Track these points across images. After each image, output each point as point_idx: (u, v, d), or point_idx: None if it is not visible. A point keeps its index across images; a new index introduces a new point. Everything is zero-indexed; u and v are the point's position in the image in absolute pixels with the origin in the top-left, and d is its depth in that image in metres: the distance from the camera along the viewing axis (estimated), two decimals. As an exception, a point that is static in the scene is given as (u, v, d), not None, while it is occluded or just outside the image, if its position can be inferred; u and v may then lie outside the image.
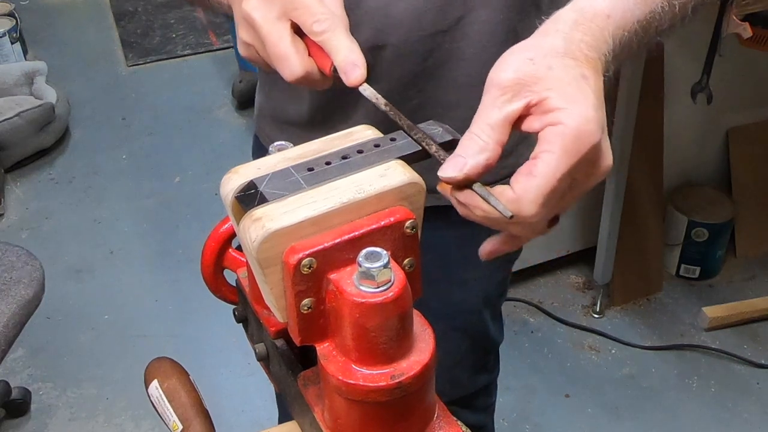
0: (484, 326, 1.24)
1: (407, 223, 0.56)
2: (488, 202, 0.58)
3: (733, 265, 2.44)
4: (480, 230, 0.64)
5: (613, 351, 2.23)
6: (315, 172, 0.58)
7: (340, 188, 0.56)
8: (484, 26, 0.93)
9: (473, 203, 0.59)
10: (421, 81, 0.95)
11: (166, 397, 0.74)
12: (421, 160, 0.62)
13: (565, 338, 2.26)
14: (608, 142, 0.61)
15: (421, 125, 0.64)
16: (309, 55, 0.69)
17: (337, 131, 0.64)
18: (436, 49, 0.93)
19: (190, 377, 0.77)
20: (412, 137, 0.63)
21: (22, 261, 1.70)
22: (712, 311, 2.25)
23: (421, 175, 0.59)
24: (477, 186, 0.59)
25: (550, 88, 0.59)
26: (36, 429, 2.08)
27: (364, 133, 0.63)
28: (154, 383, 0.75)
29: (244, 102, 3.19)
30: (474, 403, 1.33)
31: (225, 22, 3.59)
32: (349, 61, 0.66)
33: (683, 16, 0.72)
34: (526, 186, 0.57)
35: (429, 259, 1.10)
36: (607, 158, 0.61)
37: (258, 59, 0.72)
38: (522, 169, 0.58)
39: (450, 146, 0.63)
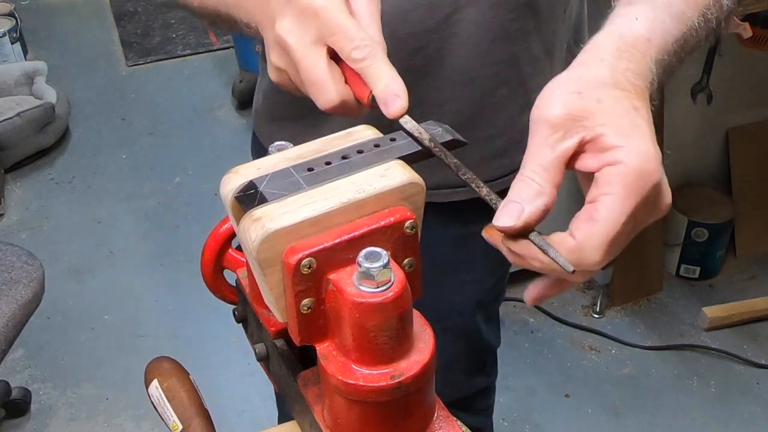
0: (477, 329, 1.23)
1: (407, 223, 0.56)
2: (548, 255, 0.55)
3: (733, 265, 2.44)
4: (474, 232, 0.62)
5: (613, 351, 2.23)
6: (315, 172, 0.58)
7: (340, 188, 0.56)
8: (473, 24, 0.91)
9: (530, 254, 0.57)
10: (410, 78, 0.92)
11: (166, 397, 0.74)
12: (421, 160, 0.62)
13: (565, 338, 2.26)
14: (666, 179, 0.57)
15: (421, 125, 0.64)
16: (345, 82, 0.65)
17: (334, 128, 0.63)
18: (424, 47, 0.91)
19: (191, 377, 0.77)
20: (460, 177, 0.59)
21: (22, 261, 1.70)
22: (712, 311, 2.25)
23: (420, 175, 0.58)
24: (534, 235, 0.55)
25: (604, 124, 0.56)
26: (36, 429, 2.08)
27: (364, 133, 0.63)
28: (154, 383, 0.75)
29: (244, 102, 3.19)
30: (472, 406, 1.33)
31: (225, 22, 3.58)
32: (391, 92, 0.62)
33: (716, 28, 0.69)
34: (588, 232, 0.54)
35: (424, 260, 1.10)
36: (668, 196, 0.58)
37: (290, 85, 0.68)
38: (581, 215, 0.55)
39: (451, 146, 0.63)
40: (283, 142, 0.63)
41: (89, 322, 2.36)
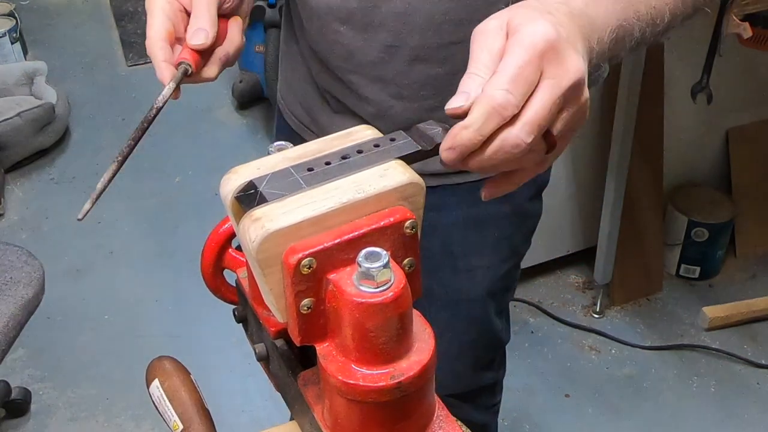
0: (489, 320, 1.23)
1: (407, 223, 0.56)
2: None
3: (733, 265, 2.44)
4: (485, 214, 0.65)
5: (613, 351, 2.23)
6: (315, 172, 0.58)
7: (340, 188, 0.56)
8: None
9: (454, 132, 0.62)
10: (437, 84, 0.98)
11: (167, 397, 0.74)
12: (421, 160, 0.62)
13: (565, 338, 2.26)
14: (577, 53, 0.64)
15: (421, 125, 0.64)
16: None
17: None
18: (451, 57, 0.96)
19: (192, 377, 0.77)
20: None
21: (22, 261, 1.70)
22: (712, 311, 2.25)
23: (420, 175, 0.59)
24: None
25: (516, 14, 0.64)
26: (36, 429, 2.08)
27: (363, 133, 0.63)
28: (155, 383, 0.75)
29: (244, 102, 3.19)
30: (478, 401, 1.33)
31: (225, 22, 3.58)
32: (157, 63, 0.81)
33: (642, 42, 0.76)
34: (492, 81, 0.61)
35: (433, 243, 1.11)
36: (576, 60, 0.63)
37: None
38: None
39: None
40: (282, 142, 0.63)
41: (89, 322, 2.36)
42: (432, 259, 1.10)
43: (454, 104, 0.62)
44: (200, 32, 0.79)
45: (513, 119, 0.61)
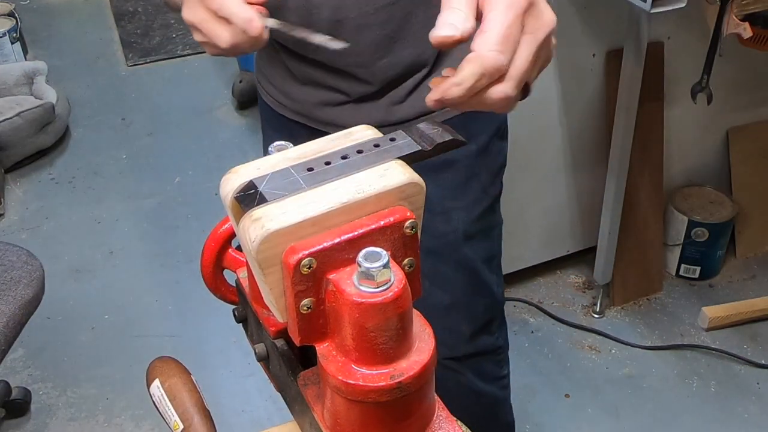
0: (475, 267, 1.26)
1: (407, 223, 0.56)
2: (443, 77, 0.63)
3: (733, 265, 2.45)
4: (454, 154, 0.70)
5: (613, 351, 2.23)
6: (315, 172, 0.58)
7: (340, 188, 0.56)
8: None
9: (445, 86, 0.64)
10: (385, 44, 1.06)
11: (168, 397, 0.74)
12: (422, 160, 0.62)
13: (565, 338, 2.26)
14: (546, 2, 0.68)
15: (421, 125, 0.64)
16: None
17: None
18: (391, 18, 1.04)
19: (192, 377, 0.77)
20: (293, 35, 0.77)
21: (22, 261, 1.70)
22: (712, 311, 2.25)
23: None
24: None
25: None
26: (36, 429, 2.08)
27: (363, 133, 0.63)
28: (156, 382, 0.75)
29: (244, 102, 3.19)
30: (480, 367, 1.34)
31: (225, 22, 3.58)
32: (244, 19, 0.78)
33: None
34: (480, 40, 0.63)
35: None
36: (549, 12, 0.68)
37: (217, 51, 0.84)
38: (475, 34, 0.65)
39: (451, 146, 0.63)
40: (282, 142, 0.63)
41: (89, 322, 2.36)
42: None
43: (443, 32, 0.64)
44: (252, 22, 0.79)
45: (501, 76, 0.64)
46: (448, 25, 0.65)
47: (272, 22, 0.80)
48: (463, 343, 1.29)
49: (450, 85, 0.64)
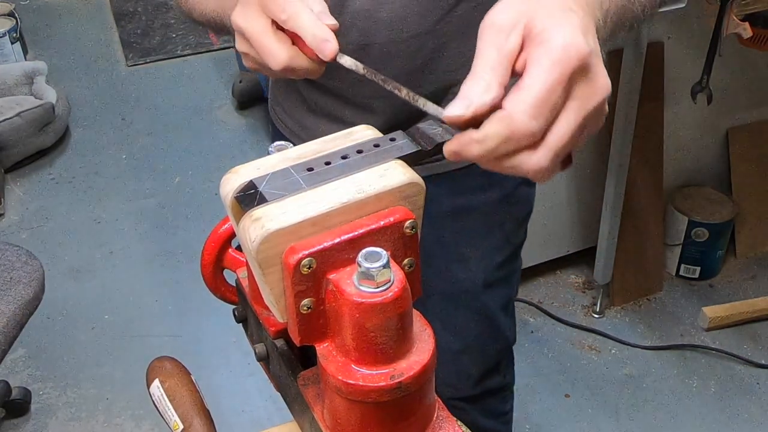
0: (491, 314, 1.23)
1: (407, 223, 0.56)
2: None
3: (733, 265, 2.44)
4: (474, 202, 0.64)
5: (613, 351, 2.23)
6: (315, 172, 0.58)
7: (340, 188, 0.56)
8: (463, 19, 0.98)
9: (465, 141, 0.58)
10: (412, 76, 0.99)
11: (168, 397, 0.74)
12: (421, 160, 0.62)
13: (565, 338, 2.26)
14: (602, 64, 0.60)
15: (421, 125, 0.64)
16: (294, 44, 0.72)
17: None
18: (421, 48, 0.98)
19: (192, 377, 0.77)
20: (392, 89, 0.66)
21: (22, 261, 1.70)
22: (712, 311, 2.25)
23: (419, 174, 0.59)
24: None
25: (536, 16, 0.59)
26: (36, 429, 2.08)
27: (363, 133, 0.63)
28: (156, 382, 0.75)
29: (244, 102, 3.19)
30: (485, 405, 1.31)
31: (225, 22, 3.59)
32: (319, 38, 0.69)
33: (639, 17, 0.76)
34: (515, 99, 0.56)
35: (427, 235, 1.10)
36: (602, 76, 0.59)
37: (257, 67, 0.75)
38: (512, 89, 0.57)
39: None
40: (282, 142, 0.63)
41: (89, 322, 2.36)
42: (424, 250, 1.10)
43: (453, 111, 0.57)
44: (327, 44, 0.70)
45: (534, 143, 0.57)
46: (462, 100, 0.57)
47: (349, 61, 0.70)
48: (470, 386, 1.25)
49: (470, 140, 0.57)
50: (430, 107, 0.61)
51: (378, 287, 0.52)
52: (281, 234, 0.54)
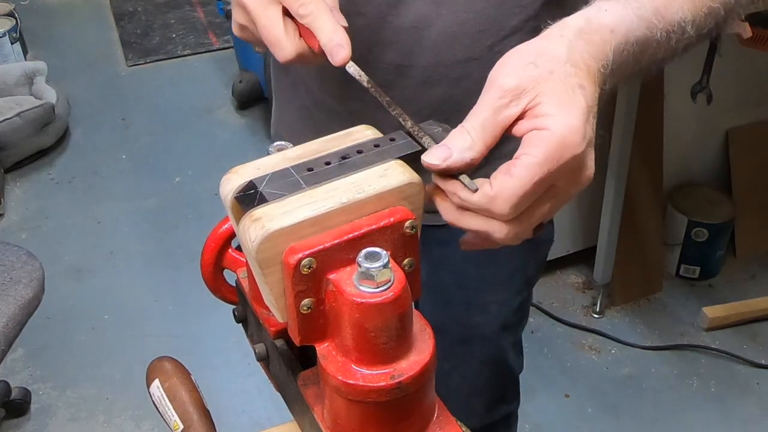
0: (503, 354, 1.21)
1: (407, 223, 0.56)
2: (461, 182, 0.60)
3: (733, 265, 2.44)
4: (502, 250, 0.64)
5: (613, 351, 2.23)
6: (314, 172, 0.58)
7: (340, 188, 0.56)
8: None
9: (452, 190, 0.60)
10: (448, 108, 0.91)
11: (168, 397, 0.74)
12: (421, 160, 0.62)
13: (565, 338, 2.26)
14: (592, 153, 0.61)
15: (421, 125, 0.64)
16: (300, 35, 0.70)
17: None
18: (466, 76, 0.91)
19: (192, 377, 0.77)
20: (395, 116, 0.65)
21: (22, 261, 1.70)
22: (712, 311, 2.25)
23: (422, 176, 0.59)
24: (462, 177, 0.60)
25: (545, 93, 0.59)
26: (36, 429, 2.08)
27: (363, 133, 0.63)
28: (156, 383, 0.75)
29: (244, 102, 3.19)
30: None
31: (225, 22, 3.59)
32: (334, 43, 0.68)
33: (675, 52, 0.71)
34: (503, 184, 0.58)
35: (447, 279, 1.09)
36: (589, 169, 0.61)
37: (253, 39, 0.74)
38: (502, 167, 0.59)
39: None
40: (283, 142, 0.63)
41: (89, 322, 2.36)
42: (445, 294, 1.09)
43: (431, 159, 0.59)
44: (341, 50, 0.68)
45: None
46: (443, 148, 0.60)
47: (355, 70, 0.69)
48: (477, 419, 1.24)
49: (453, 192, 0.60)
50: (432, 145, 0.62)
51: (378, 287, 0.52)
52: (281, 234, 0.54)
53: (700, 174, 2.44)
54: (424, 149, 0.62)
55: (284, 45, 0.70)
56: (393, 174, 0.57)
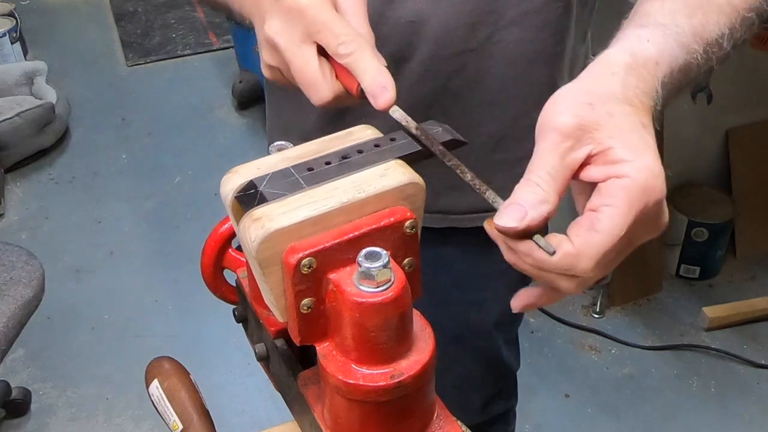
0: (497, 350, 1.21)
1: (407, 223, 0.56)
2: (538, 245, 0.55)
3: (733, 265, 2.44)
4: (495, 249, 0.63)
5: (613, 351, 2.23)
6: (315, 172, 0.58)
7: (340, 188, 0.56)
8: (513, 46, 0.90)
9: (526, 251, 0.57)
10: (446, 100, 0.92)
11: (167, 397, 0.74)
12: (421, 160, 0.62)
13: (565, 338, 2.26)
14: (665, 202, 0.58)
15: (421, 125, 0.64)
16: (336, 77, 0.66)
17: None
18: (463, 68, 0.90)
19: (191, 377, 0.77)
20: (457, 174, 0.60)
21: (22, 261, 1.70)
22: (712, 311, 2.25)
23: (422, 176, 0.58)
24: (537, 237, 0.56)
25: (613, 137, 0.56)
26: (36, 429, 2.08)
27: (363, 132, 0.63)
28: (155, 383, 0.75)
29: (244, 102, 3.19)
30: (490, 430, 1.30)
31: (225, 22, 3.59)
32: (378, 84, 0.63)
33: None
34: (587, 241, 0.55)
35: (443, 277, 1.09)
36: (666, 215, 0.58)
37: (283, 81, 0.70)
38: (582, 222, 0.56)
39: (451, 146, 0.63)
40: (282, 142, 0.63)
41: (89, 322, 2.36)
42: (441, 293, 1.09)
43: (506, 222, 0.55)
44: (385, 92, 0.63)
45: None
46: (516, 207, 0.55)
47: (401, 115, 0.63)
48: (474, 415, 1.24)
49: (528, 252, 0.56)
50: (497, 201, 0.58)
51: (378, 287, 0.52)
52: (281, 234, 0.54)
53: (700, 174, 2.44)
54: (425, 149, 0.62)
55: (321, 87, 0.65)
56: (393, 174, 0.57)
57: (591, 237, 0.55)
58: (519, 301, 0.65)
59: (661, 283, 2.38)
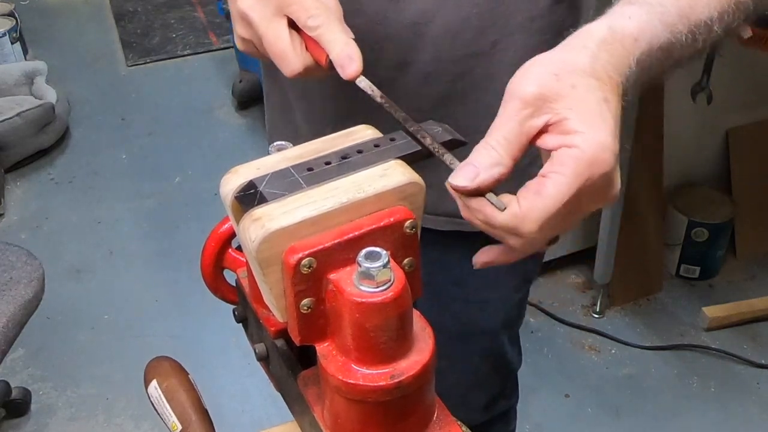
0: (502, 350, 1.21)
1: (407, 223, 0.56)
2: (490, 201, 0.59)
3: (733, 265, 2.44)
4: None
5: (613, 351, 2.23)
6: (315, 172, 0.58)
7: (340, 188, 0.56)
8: (519, 51, 0.89)
9: (477, 207, 0.59)
10: (450, 104, 0.91)
11: (165, 397, 0.74)
12: (421, 160, 0.62)
13: (565, 338, 2.26)
14: (619, 170, 0.60)
15: (421, 125, 0.64)
16: (306, 48, 0.69)
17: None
18: (468, 72, 0.90)
19: (190, 377, 0.76)
20: (408, 131, 0.63)
21: (22, 261, 1.70)
22: (712, 311, 2.25)
23: (422, 175, 0.58)
24: (489, 195, 0.59)
25: (571, 108, 0.58)
26: (36, 429, 2.08)
27: (363, 132, 0.63)
28: (153, 383, 0.75)
29: (244, 102, 3.19)
30: (492, 429, 1.30)
31: (225, 22, 3.59)
32: (345, 55, 0.66)
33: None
34: (532, 204, 0.57)
35: (445, 278, 1.09)
36: (616, 186, 0.60)
37: (256, 53, 0.73)
38: (531, 186, 0.58)
39: (450, 146, 0.63)
40: (282, 142, 0.63)
41: (89, 322, 2.36)
42: (443, 293, 1.09)
43: (458, 181, 0.58)
44: (352, 62, 0.67)
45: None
46: (469, 167, 0.58)
47: (366, 84, 0.67)
48: (477, 415, 1.24)
49: (479, 208, 0.59)
50: (455, 162, 0.60)
51: (378, 287, 0.52)
52: (281, 234, 0.54)
53: (700, 174, 2.44)
54: (423, 146, 0.62)
55: (291, 59, 0.68)
56: (393, 174, 0.57)
57: (536, 201, 0.57)
58: (481, 257, 0.68)
59: (661, 283, 2.38)
